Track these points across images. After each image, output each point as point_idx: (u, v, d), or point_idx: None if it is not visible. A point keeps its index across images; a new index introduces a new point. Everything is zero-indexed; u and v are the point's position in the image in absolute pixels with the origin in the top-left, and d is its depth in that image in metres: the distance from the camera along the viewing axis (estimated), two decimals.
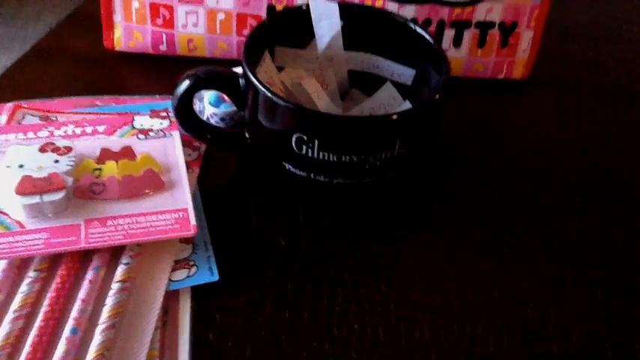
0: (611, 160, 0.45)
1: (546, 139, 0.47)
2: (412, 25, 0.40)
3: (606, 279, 0.37)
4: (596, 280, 0.37)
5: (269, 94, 0.34)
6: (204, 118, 0.44)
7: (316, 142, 0.34)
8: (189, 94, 0.37)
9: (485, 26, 0.48)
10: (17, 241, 0.33)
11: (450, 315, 0.34)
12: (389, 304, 0.35)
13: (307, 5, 0.40)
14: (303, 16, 0.40)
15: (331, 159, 0.34)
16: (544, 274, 0.37)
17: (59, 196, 0.34)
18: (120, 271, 0.33)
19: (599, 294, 0.36)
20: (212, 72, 0.37)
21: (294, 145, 0.34)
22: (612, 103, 0.51)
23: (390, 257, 0.37)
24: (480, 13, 0.47)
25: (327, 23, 0.39)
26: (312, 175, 0.35)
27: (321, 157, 0.34)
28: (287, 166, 0.36)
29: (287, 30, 0.41)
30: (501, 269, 0.37)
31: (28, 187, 0.34)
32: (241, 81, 0.36)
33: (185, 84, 0.36)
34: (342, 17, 0.40)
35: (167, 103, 0.40)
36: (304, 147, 0.34)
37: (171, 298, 0.33)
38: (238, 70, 0.37)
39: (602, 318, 0.35)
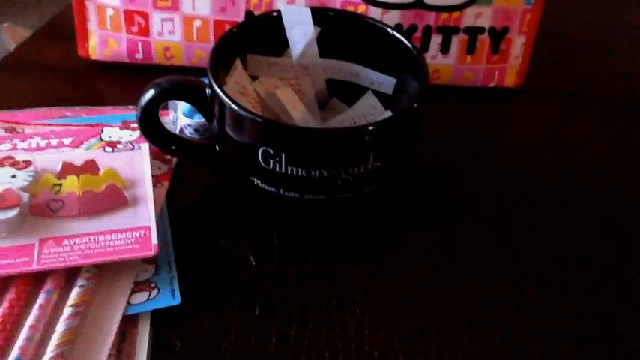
0: (608, 173, 0.43)
1: (537, 153, 0.44)
2: (391, 31, 0.37)
3: (593, 305, 0.35)
4: (583, 306, 0.34)
5: (233, 105, 0.32)
6: (178, 129, 0.42)
7: (283, 156, 0.31)
8: (154, 104, 0.34)
9: (474, 32, 0.45)
10: None
11: (427, 341, 0.32)
12: (363, 329, 0.32)
13: (279, 11, 0.38)
14: (275, 22, 0.38)
15: (300, 174, 0.32)
16: (529, 298, 0.34)
17: (12, 214, 0.32)
18: (74, 294, 0.31)
19: (588, 318, 0.34)
20: (177, 81, 0.35)
21: (260, 159, 0.32)
22: (607, 113, 0.48)
23: (367, 278, 0.35)
24: (469, 18, 0.45)
25: (300, 29, 0.37)
26: (281, 190, 0.33)
27: (289, 171, 0.32)
28: (255, 181, 0.34)
29: (260, 37, 0.38)
30: (484, 292, 0.35)
31: None
32: (208, 91, 0.34)
33: (149, 94, 0.34)
34: (317, 23, 0.38)
35: None
36: (271, 161, 0.32)
37: (130, 322, 0.31)
38: None
39: (592, 343, 0.33)
